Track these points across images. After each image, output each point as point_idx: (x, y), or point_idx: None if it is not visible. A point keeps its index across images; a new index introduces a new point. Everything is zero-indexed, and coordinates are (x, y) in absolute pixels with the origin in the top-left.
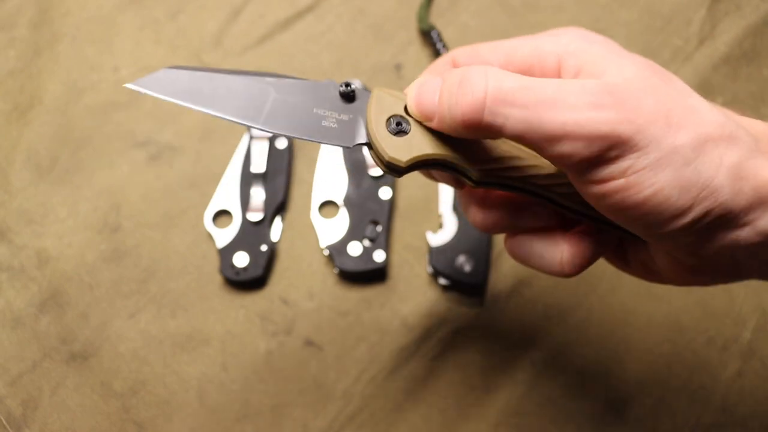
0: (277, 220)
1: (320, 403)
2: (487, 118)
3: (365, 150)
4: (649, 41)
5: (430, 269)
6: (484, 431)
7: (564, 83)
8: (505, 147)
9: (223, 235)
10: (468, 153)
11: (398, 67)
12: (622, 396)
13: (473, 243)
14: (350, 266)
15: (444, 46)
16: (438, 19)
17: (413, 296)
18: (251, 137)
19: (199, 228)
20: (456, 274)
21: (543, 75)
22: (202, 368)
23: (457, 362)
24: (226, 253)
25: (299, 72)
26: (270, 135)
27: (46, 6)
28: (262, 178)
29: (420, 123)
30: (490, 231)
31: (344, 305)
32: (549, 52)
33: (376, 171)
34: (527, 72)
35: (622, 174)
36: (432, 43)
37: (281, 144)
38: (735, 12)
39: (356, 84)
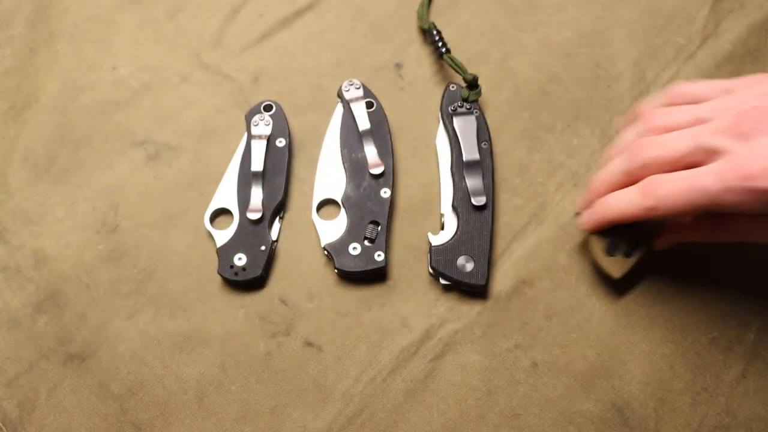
0: (277, 219)
1: (320, 404)
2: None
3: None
4: (651, 40)
5: (430, 269)
6: None
7: None
8: None
9: (222, 235)
10: None
11: (398, 66)
12: (623, 397)
13: (474, 243)
14: (350, 266)
15: (444, 45)
16: (438, 18)
17: (413, 296)
18: (250, 136)
19: (198, 228)
20: (457, 274)
21: None
22: (201, 369)
23: (457, 363)
24: (225, 253)
25: (299, 71)
26: (268, 134)
27: (44, 4)
28: (261, 177)
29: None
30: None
31: (344, 305)
32: None
33: (376, 170)
34: None
35: None
36: (432, 42)
37: (280, 143)
38: (739, 10)
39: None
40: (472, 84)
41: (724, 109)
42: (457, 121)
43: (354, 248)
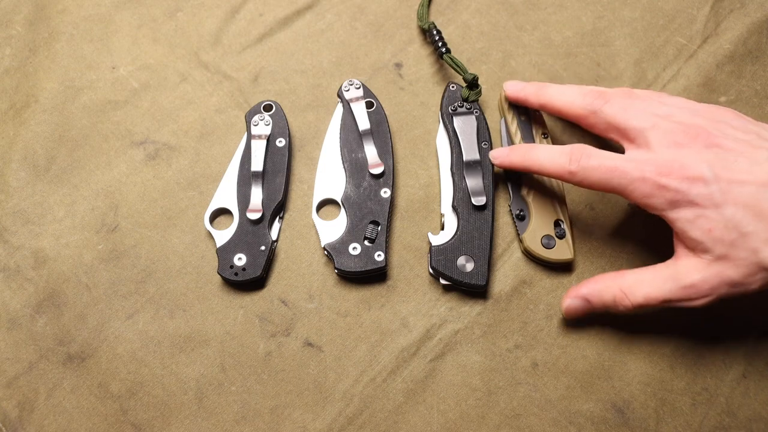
0: (277, 219)
1: (320, 405)
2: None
3: None
4: (652, 39)
5: (430, 269)
6: None
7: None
8: None
9: (222, 235)
10: None
11: (398, 66)
12: (624, 397)
13: (474, 243)
14: (350, 266)
15: (444, 44)
16: (438, 18)
17: (413, 296)
18: (250, 136)
19: (198, 228)
20: (457, 274)
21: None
22: (201, 369)
23: (457, 363)
24: (225, 253)
25: (299, 71)
26: (268, 134)
27: (43, 3)
28: (261, 177)
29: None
30: None
31: (344, 306)
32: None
33: (376, 170)
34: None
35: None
36: (432, 41)
37: (280, 143)
38: (739, 9)
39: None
40: (472, 84)
41: (679, 115)
42: (457, 121)
43: (354, 248)
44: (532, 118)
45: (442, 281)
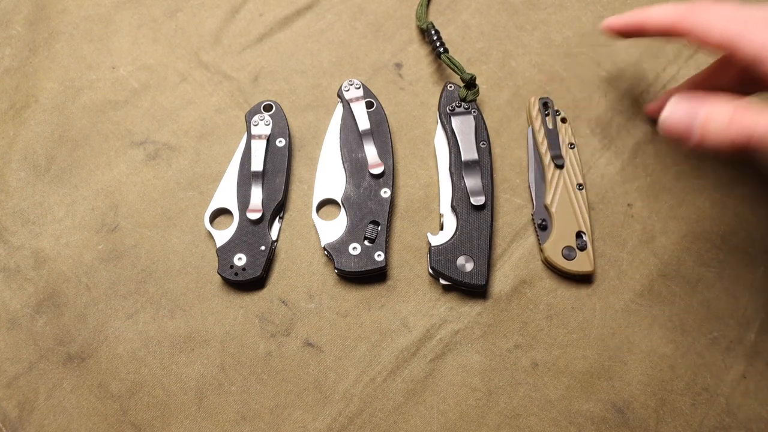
0: (277, 219)
1: (319, 405)
2: None
3: None
4: (652, 40)
5: (430, 270)
6: None
7: None
8: None
9: (222, 235)
10: None
11: (398, 66)
12: (624, 398)
13: (474, 243)
14: (350, 266)
15: (442, 44)
16: (438, 18)
17: (413, 296)
18: (250, 136)
19: (198, 228)
20: (456, 274)
21: None
22: (201, 369)
23: (457, 363)
24: (225, 253)
25: (299, 71)
26: (268, 134)
27: (43, 3)
28: (261, 177)
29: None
30: None
31: (344, 306)
32: None
33: (376, 170)
34: None
35: None
36: (430, 41)
37: (280, 143)
38: None
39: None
40: (470, 84)
41: None
42: (455, 121)
43: (354, 248)
44: (558, 129)
45: (442, 281)
